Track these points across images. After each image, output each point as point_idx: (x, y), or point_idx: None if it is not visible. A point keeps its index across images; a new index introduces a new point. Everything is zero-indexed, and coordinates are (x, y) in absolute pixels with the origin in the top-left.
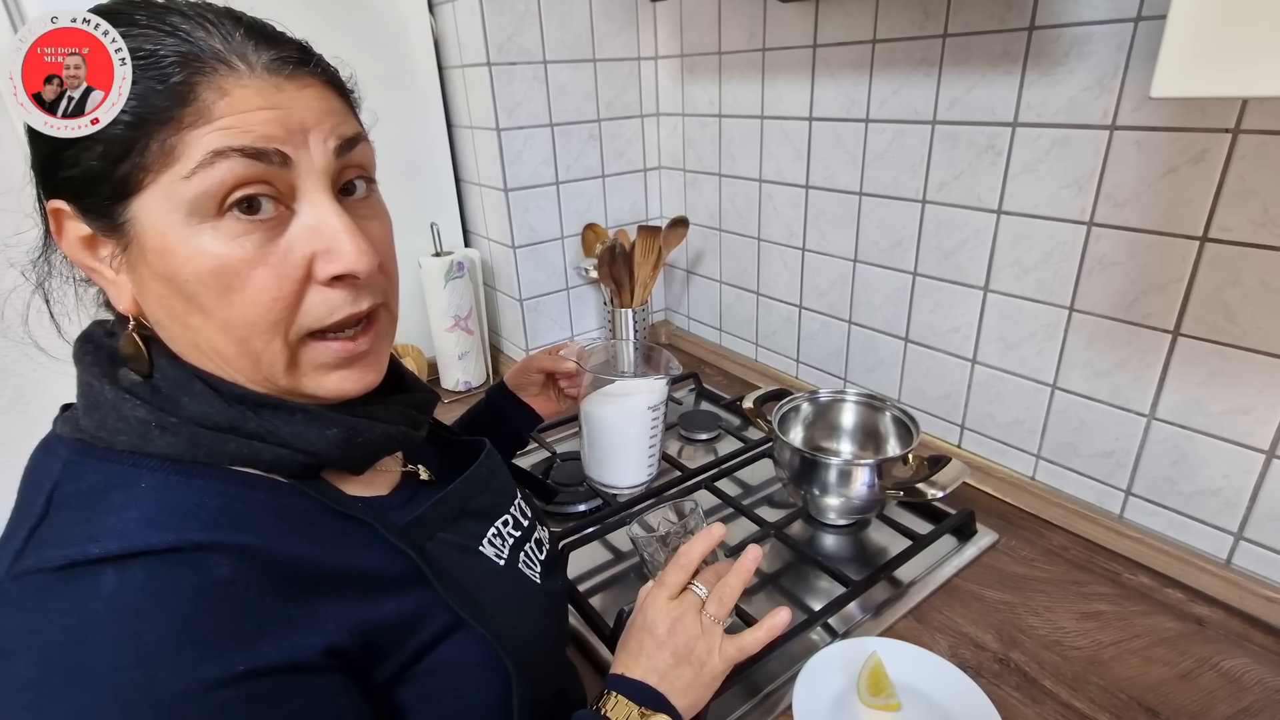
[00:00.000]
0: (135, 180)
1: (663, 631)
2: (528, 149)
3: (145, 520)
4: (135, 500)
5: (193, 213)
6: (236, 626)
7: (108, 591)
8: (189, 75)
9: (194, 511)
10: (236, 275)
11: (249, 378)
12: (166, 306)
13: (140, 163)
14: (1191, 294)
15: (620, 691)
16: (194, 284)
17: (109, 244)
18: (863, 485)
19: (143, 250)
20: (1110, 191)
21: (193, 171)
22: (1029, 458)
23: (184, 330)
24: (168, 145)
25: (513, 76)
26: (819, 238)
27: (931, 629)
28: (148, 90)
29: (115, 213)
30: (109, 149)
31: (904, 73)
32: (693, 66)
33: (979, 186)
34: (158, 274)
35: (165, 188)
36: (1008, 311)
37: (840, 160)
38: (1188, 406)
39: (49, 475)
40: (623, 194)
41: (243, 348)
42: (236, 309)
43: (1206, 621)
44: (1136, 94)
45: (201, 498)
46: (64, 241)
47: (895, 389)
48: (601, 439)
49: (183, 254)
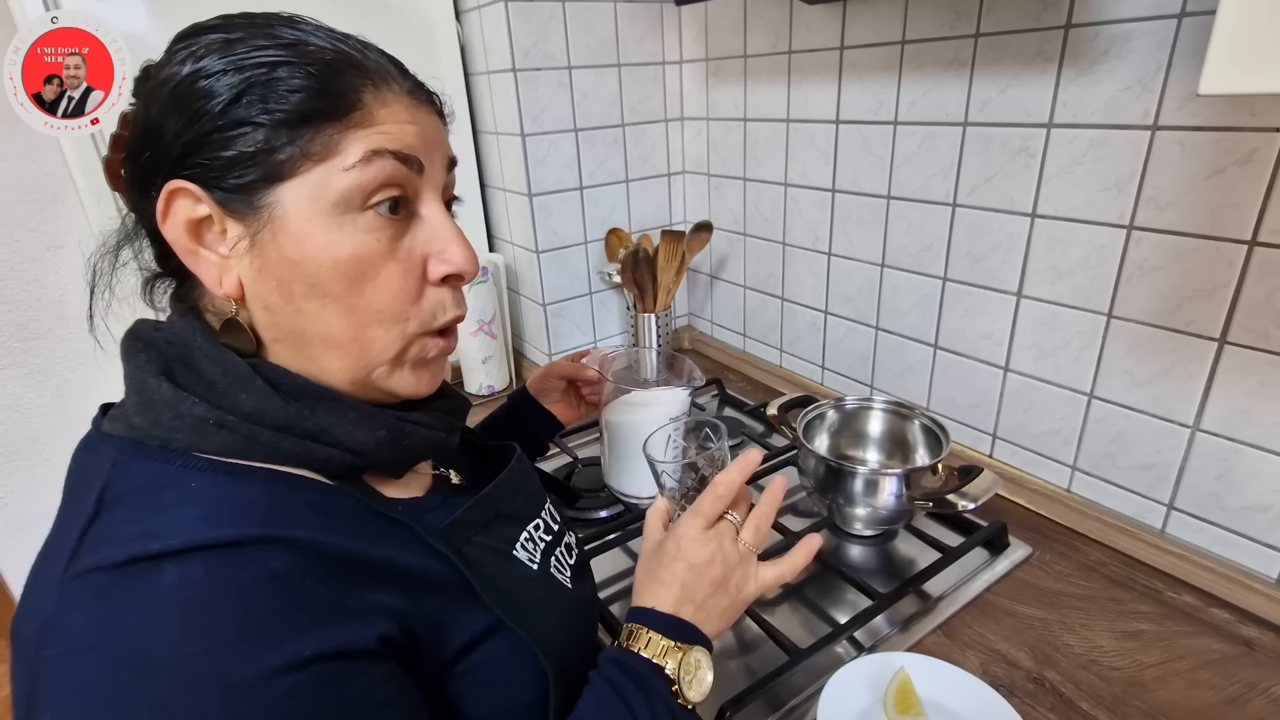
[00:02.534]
0: (291, 167)
1: (702, 561)
2: (552, 154)
3: (201, 517)
4: (189, 498)
5: (339, 203)
6: (297, 615)
7: (169, 586)
8: (359, 82)
9: (247, 508)
10: (371, 265)
11: (339, 366)
12: (285, 290)
13: (301, 151)
14: (1239, 300)
15: (651, 627)
16: (326, 269)
17: (236, 225)
18: (890, 495)
19: (275, 234)
20: (1151, 194)
21: (353, 165)
22: (1064, 469)
23: (295, 315)
24: (332, 140)
25: (538, 82)
26: (845, 242)
27: (962, 645)
28: (318, 89)
29: (258, 195)
30: (272, 136)
31: (934, 74)
32: (717, 70)
33: (1012, 189)
34: (287, 257)
35: (319, 177)
36: (1042, 318)
37: (867, 163)
38: (1235, 418)
39: (97, 475)
40: (646, 199)
41: (359, 333)
42: (366, 296)
43: (1256, 644)
44: (1180, 93)
45: (252, 496)
46: (169, 223)
47: (924, 397)
48: (622, 448)
49: (322, 240)
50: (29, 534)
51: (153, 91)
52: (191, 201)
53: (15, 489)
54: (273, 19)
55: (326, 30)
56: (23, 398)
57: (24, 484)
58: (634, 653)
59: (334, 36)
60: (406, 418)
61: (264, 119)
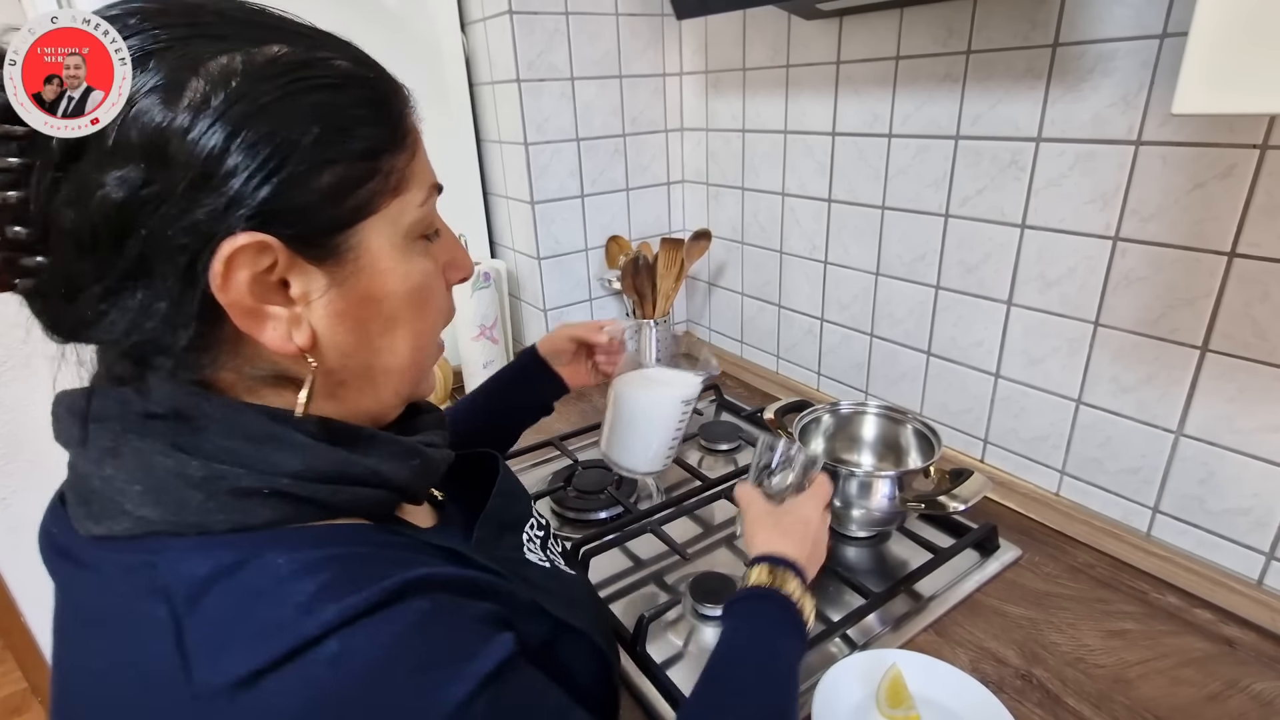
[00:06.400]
0: (375, 204)
1: (820, 531)
2: (554, 163)
3: (320, 590)
4: (290, 578)
5: (408, 235)
6: (458, 647)
7: (333, 660)
8: (406, 110)
9: (353, 568)
10: (430, 288)
11: (393, 391)
12: (362, 330)
13: (381, 187)
14: (1220, 310)
15: (766, 561)
16: (402, 300)
17: (315, 273)
18: (883, 497)
19: (357, 274)
20: (1136, 207)
21: (424, 201)
22: (1053, 473)
23: (369, 353)
24: (401, 173)
25: (541, 93)
26: (841, 251)
27: (952, 643)
28: (383, 117)
29: (340, 238)
30: (350, 173)
31: (927, 89)
32: (717, 83)
33: (1002, 201)
34: (371, 296)
35: (395, 212)
36: (1031, 326)
37: (863, 175)
38: (1216, 423)
39: (131, 584)
40: (646, 207)
41: (418, 355)
42: (427, 318)
43: (1237, 643)
44: (1162, 110)
45: (344, 554)
46: (231, 285)
47: (917, 402)
48: (629, 422)
49: (401, 272)
50: (30, 535)
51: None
52: (257, 254)
53: (17, 490)
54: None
55: (344, 43)
56: (27, 398)
57: (24, 485)
58: (784, 594)
59: (358, 55)
60: (426, 441)
61: (346, 153)
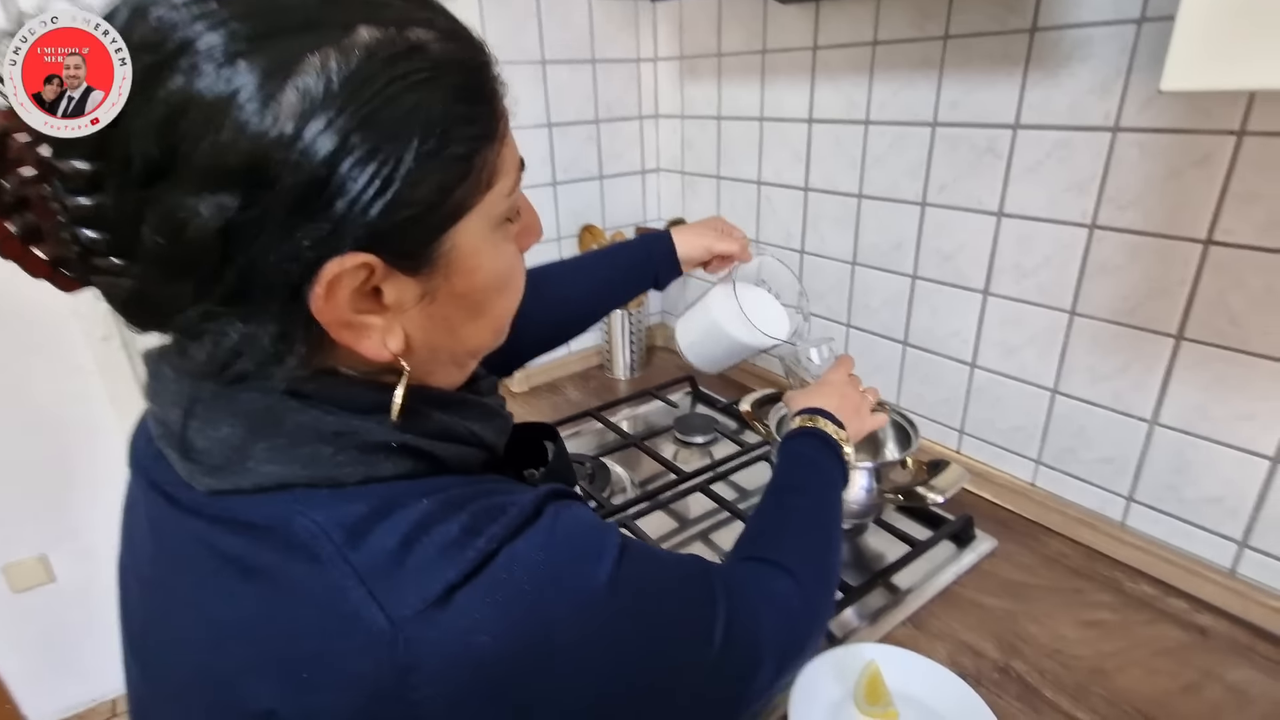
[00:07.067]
0: (467, 205)
1: (848, 390)
2: (525, 149)
3: (474, 516)
4: (438, 511)
5: (497, 224)
6: (590, 537)
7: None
8: (498, 90)
9: (484, 499)
10: (514, 270)
11: (474, 364)
12: (449, 325)
13: (476, 184)
14: (1195, 298)
15: (826, 417)
16: (491, 289)
17: (409, 283)
18: (861, 489)
19: (450, 276)
20: (1113, 194)
21: (514, 185)
22: (1029, 463)
23: (456, 343)
24: (493, 163)
25: (511, 76)
26: (818, 240)
27: (930, 636)
28: (478, 104)
29: (434, 246)
30: (447, 179)
31: (904, 75)
32: (692, 68)
33: (979, 189)
34: (461, 294)
35: (488, 206)
36: (1008, 315)
37: (840, 162)
38: (1191, 412)
39: (289, 529)
40: (620, 195)
41: (500, 336)
42: (511, 298)
43: (1210, 632)
44: (1140, 96)
45: (469, 490)
46: (331, 304)
47: (894, 393)
48: (709, 325)
49: (491, 265)
50: None
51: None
52: (358, 273)
53: None
54: None
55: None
56: None
57: None
58: (821, 429)
59: (447, 26)
60: (496, 403)
61: (447, 159)
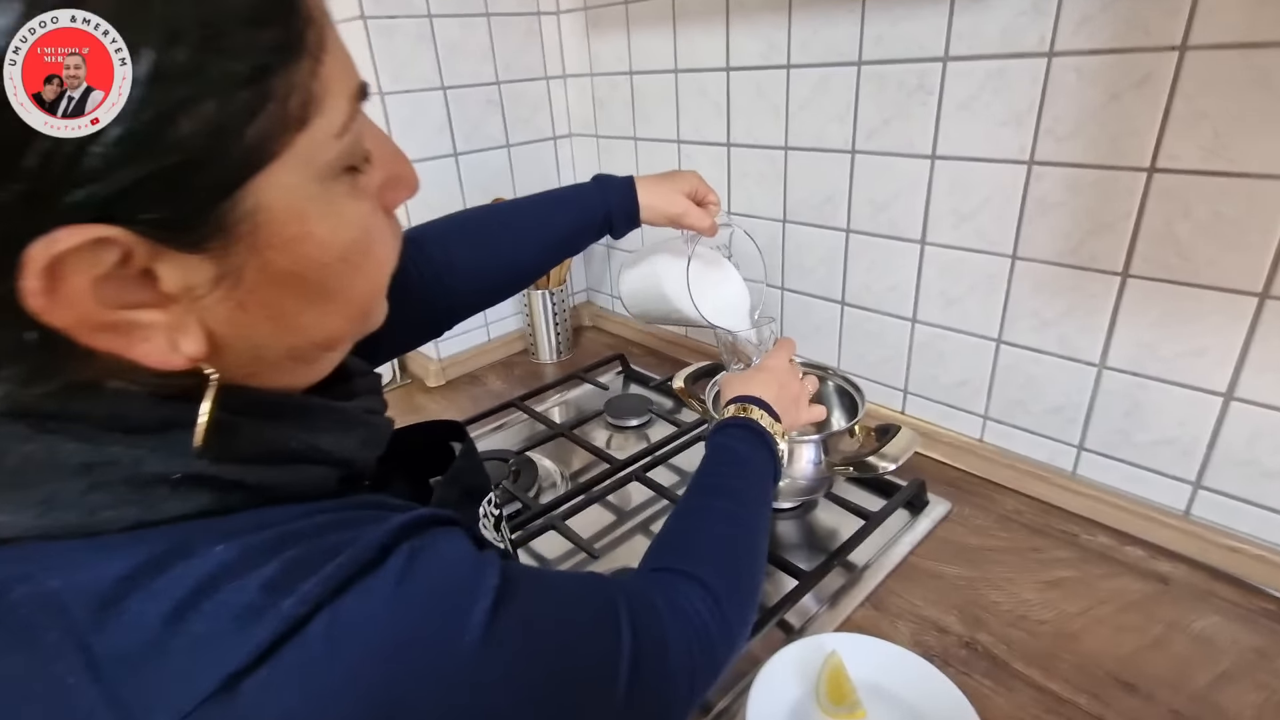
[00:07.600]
0: (268, 148)
1: (788, 378)
2: (418, 117)
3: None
4: (237, 562)
5: (327, 175)
6: (455, 576)
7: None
8: None
9: (313, 536)
10: (369, 237)
11: (332, 358)
12: (275, 314)
13: (278, 119)
14: (1140, 231)
15: (761, 408)
16: (335, 263)
17: (194, 261)
18: (808, 463)
19: (259, 248)
20: (1051, 125)
21: (347, 119)
22: (976, 419)
23: (293, 334)
24: (306, 89)
25: (394, 33)
26: (745, 199)
27: (891, 616)
28: (272, 6)
29: (222, 208)
30: (227, 110)
31: (824, 10)
32: (598, 20)
33: (911, 131)
34: (281, 271)
35: (303, 150)
36: (947, 264)
37: (762, 113)
38: (1140, 352)
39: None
40: (531, 164)
41: (360, 323)
42: (368, 273)
43: (1170, 579)
44: (1075, 14)
45: (291, 528)
46: (60, 300)
47: (834, 356)
48: (649, 281)
49: (326, 231)
50: None
51: None
52: (95, 252)
53: None
54: None
55: None
56: None
57: None
58: (753, 420)
59: None
60: (367, 408)
61: (219, 80)
